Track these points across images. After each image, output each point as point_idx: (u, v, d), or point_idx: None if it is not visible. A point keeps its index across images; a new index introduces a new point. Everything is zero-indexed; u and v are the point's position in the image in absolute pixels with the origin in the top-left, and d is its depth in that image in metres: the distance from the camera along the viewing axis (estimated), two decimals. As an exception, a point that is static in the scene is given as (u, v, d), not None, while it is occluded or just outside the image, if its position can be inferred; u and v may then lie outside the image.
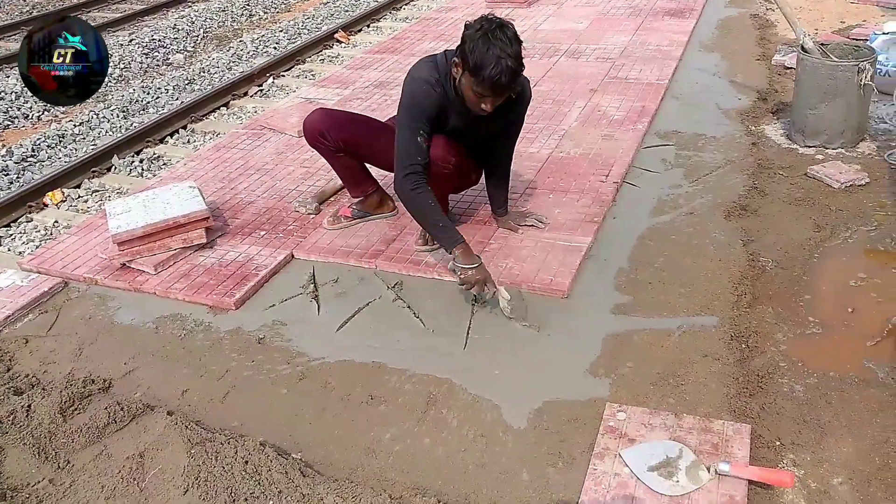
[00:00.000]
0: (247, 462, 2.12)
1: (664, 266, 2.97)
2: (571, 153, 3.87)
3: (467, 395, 2.41)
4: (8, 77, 7.22)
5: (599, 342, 2.59)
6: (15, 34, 8.37)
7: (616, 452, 2.12)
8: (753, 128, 4.16)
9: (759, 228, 3.18)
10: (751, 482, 1.99)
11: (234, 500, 2.02)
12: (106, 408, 2.37)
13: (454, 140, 2.85)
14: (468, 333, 2.69)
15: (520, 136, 3.11)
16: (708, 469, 2.03)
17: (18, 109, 6.43)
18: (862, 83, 3.61)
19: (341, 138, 3.09)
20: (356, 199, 3.39)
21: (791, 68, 4.67)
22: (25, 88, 6.70)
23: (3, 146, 5.69)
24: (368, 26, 7.85)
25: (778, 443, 2.14)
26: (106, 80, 7.11)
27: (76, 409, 2.41)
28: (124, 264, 3.12)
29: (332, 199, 3.62)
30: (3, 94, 6.65)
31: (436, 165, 2.78)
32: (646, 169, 3.75)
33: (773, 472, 2.02)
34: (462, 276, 2.72)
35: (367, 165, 3.29)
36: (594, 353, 2.54)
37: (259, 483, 2.07)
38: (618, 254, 3.07)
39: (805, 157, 3.80)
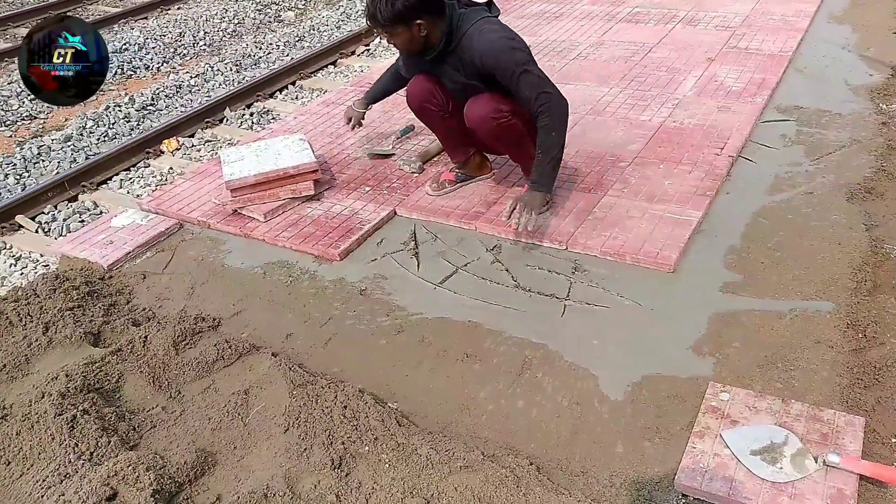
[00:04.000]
0: (345, 407, 2.18)
1: (778, 246, 2.83)
2: (685, 123, 3.72)
3: (563, 362, 2.39)
4: (133, 29, 7.58)
5: (705, 319, 2.50)
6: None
7: (717, 433, 2.05)
8: (884, 106, 3.87)
9: (885, 213, 2.98)
10: (862, 477, 1.89)
11: (331, 443, 2.09)
12: (215, 345, 2.48)
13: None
14: (567, 300, 2.66)
15: (631, 103, 2.99)
16: (815, 459, 1.94)
17: (140, 60, 6.75)
18: None
19: (444, 98, 3.10)
20: (457, 163, 3.39)
21: (933, 44, 4.31)
22: (147, 41, 7.06)
23: (127, 95, 6.00)
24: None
25: (894, 440, 2.02)
26: (221, 35, 7.35)
27: (188, 344, 2.53)
28: (236, 210, 3.24)
29: (435, 158, 3.63)
30: (127, 45, 6.99)
31: (488, 120, 2.86)
32: (763, 144, 3.57)
33: (890, 469, 1.91)
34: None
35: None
36: (699, 330, 2.46)
37: (356, 428, 2.12)
38: (730, 230, 2.94)
39: (943, 139, 3.52)
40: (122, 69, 6.57)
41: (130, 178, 4.60)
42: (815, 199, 3.11)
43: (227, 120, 5.30)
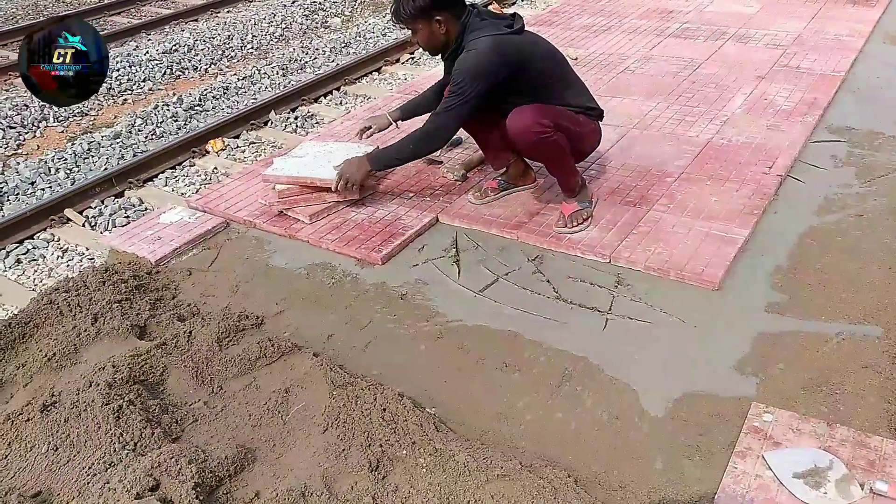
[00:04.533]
0: (384, 410, 2.19)
1: (826, 268, 2.78)
2: (733, 141, 3.68)
3: (603, 376, 2.37)
4: (183, 31, 7.74)
5: (749, 339, 2.46)
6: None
7: (759, 454, 2.02)
8: (941, 130, 3.79)
9: (939, 239, 2.91)
10: (911, 507, 1.84)
11: (369, 445, 2.10)
12: (258, 343, 2.51)
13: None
14: (608, 314, 2.64)
15: (679, 119, 2.96)
16: (861, 486, 1.90)
17: (189, 62, 6.88)
18: None
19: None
20: (500, 171, 3.41)
21: None
22: (196, 42, 7.20)
23: (175, 94, 6.13)
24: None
25: (944, 470, 1.97)
26: (268, 39, 7.46)
27: (231, 341, 2.56)
28: (282, 212, 3.29)
29: (478, 167, 3.63)
30: (177, 46, 7.14)
31: (529, 133, 2.86)
32: (813, 164, 3.51)
33: (939, 499, 1.86)
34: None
35: None
36: (743, 349, 2.42)
37: (395, 431, 2.13)
38: (776, 250, 2.90)
39: None
40: (171, 69, 6.72)
41: (176, 177, 4.69)
42: (866, 221, 3.05)
43: (272, 123, 5.38)
